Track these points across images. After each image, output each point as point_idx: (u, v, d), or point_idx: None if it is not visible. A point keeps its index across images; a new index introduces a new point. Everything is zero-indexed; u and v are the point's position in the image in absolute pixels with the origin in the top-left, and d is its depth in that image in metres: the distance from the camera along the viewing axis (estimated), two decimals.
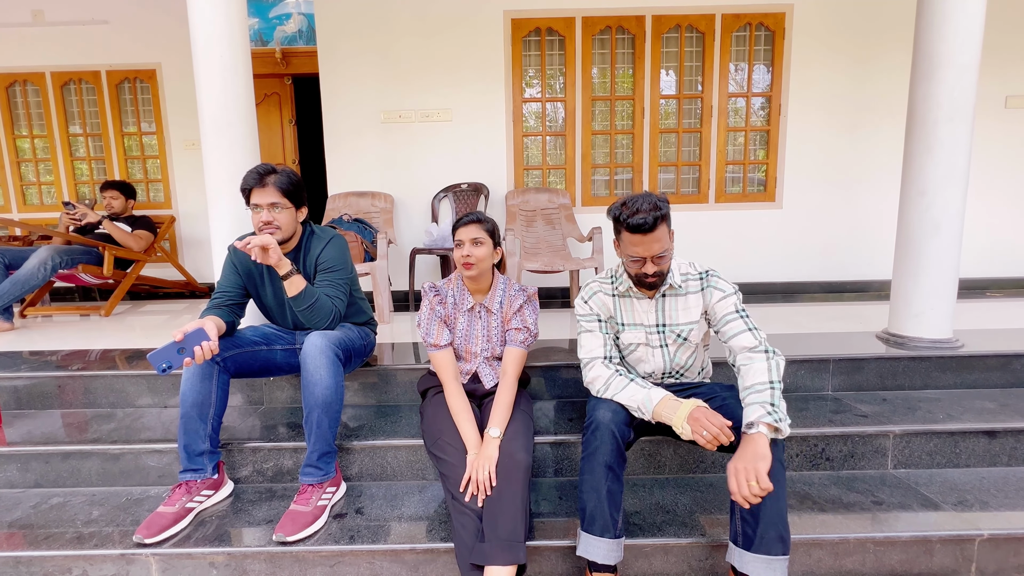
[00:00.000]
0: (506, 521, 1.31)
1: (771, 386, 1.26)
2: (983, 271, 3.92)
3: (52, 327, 3.08)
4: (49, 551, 1.44)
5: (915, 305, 2.19)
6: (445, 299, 1.69)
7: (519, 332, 1.64)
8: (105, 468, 1.77)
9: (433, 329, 1.65)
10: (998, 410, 1.90)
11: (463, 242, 1.58)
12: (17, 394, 2.10)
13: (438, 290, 1.70)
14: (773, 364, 1.30)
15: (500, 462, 1.41)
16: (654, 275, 1.39)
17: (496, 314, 1.68)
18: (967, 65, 2.05)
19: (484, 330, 1.69)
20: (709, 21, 3.69)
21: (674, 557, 1.46)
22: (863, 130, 3.82)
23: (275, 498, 1.67)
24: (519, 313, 1.66)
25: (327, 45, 3.67)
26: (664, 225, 1.35)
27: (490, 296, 1.68)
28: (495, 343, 1.70)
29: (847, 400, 2.02)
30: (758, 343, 1.34)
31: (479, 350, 1.70)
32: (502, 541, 1.28)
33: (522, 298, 1.67)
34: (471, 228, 1.58)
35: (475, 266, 1.58)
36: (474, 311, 1.69)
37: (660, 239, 1.34)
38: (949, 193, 2.11)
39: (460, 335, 1.69)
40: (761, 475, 1.15)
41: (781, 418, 1.22)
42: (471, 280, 1.65)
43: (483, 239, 1.59)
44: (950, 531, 1.45)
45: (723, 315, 1.40)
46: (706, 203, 3.88)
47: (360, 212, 3.68)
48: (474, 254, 1.57)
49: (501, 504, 1.33)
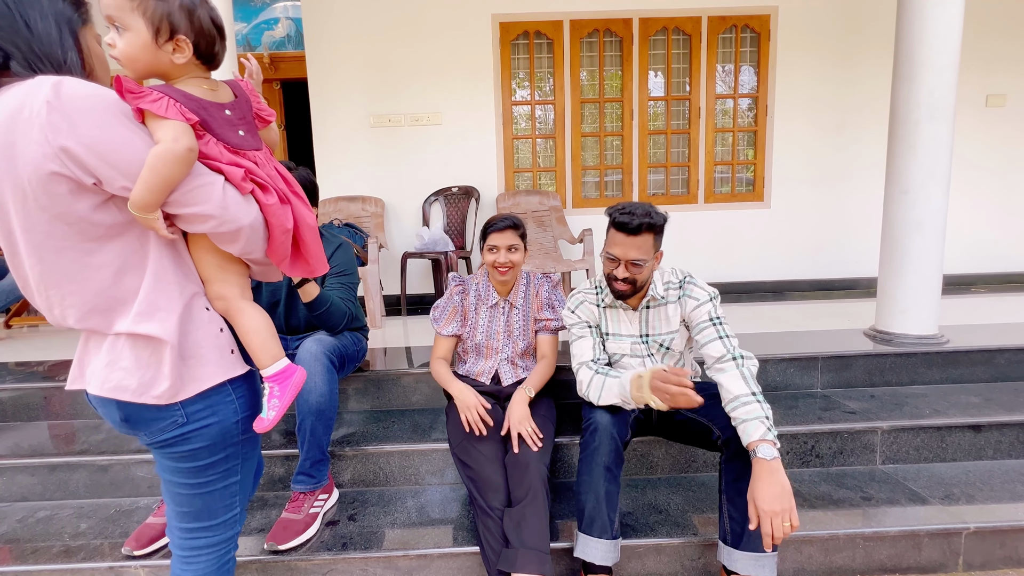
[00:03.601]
0: (532, 532, 1.30)
1: (756, 398, 1.24)
2: (967, 267, 3.98)
3: (38, 337, 3.04)
4: (36, 565, 1.42)
5: (901, 302, 2.23)
6: (468, 292, 1.71)
7: (551, 320, 1.68)
8: (93, 480, 1.75)
9: (445, 316, 1.71)
10: (983, 404, 1.93)
11: (498, 248, 1.59)
12: (2, 406, 2.06)
13: (463, 281, 1.72)
14: (745, 371, 1.28)
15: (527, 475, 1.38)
16: (623, 280, 1.38)
17: (519, 308, 1.70)
18: (946, 66, 2.08)
19: (506, 326, 1.70)
20: (695, 23, 3.73)
21: (667, 557, 1.46)
22: (848, 130, 3.87)
23: (267, 506, 1.66)
24: (548, 300, 1.69)
25: (315, 50, 3.67)
26: (650, 235, 1.36)
27: (514, 292, 1.70)
28: (517, 337, 1.70)
29: (836, 397, 2.04)
30: (726, 351, 1.32)
31: (500, 346, 1.70)
32: (530, 550, 1.27)
33: (547, 285, 1.71)
34: (507, 234, 1.59)
35: (512, 271, 1.62)
36: (497, 307, 1.70)
37: (640, 247, 1.35)
38: (931, 191, 2.14)
39: (481, 330, 1.69)
40: (795, 514, 1.14)
41: (776, 432, 1.22)
42: (502, 283, 1.68)
43: (519, 245, 1.61)
44: (938, 525, 1.48)
45: (697, 323, 1.40)
46: (695, 203, 3.92)
47: (351, 216, 3.67)
48: (511, 260, 1.60)
49: (525, 515, 1.32)
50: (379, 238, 3.46)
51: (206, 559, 0.94)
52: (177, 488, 0.89)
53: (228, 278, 0.85)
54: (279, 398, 0.88)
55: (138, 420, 0.81)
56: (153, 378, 0.78)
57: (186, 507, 0.90)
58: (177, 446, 0.83)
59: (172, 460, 0.86)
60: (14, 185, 0.67)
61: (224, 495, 0.91)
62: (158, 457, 0.88)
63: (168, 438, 0.82)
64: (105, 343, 0.79)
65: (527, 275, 1.73)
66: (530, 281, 1.71)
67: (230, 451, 0.89)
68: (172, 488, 0.89)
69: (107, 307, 0.76)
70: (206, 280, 0.85)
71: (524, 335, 1.70)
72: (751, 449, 1.20)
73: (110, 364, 0.78)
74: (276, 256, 0.86)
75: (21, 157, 0.65)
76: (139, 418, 0.81)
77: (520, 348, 1.70)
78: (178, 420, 0.81)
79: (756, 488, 1.16)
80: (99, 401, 0.82)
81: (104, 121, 0.67)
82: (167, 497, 0.92)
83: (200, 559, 0.94)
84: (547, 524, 1.33)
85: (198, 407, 0.82)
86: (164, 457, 0.87)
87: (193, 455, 0.85)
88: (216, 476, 0.89)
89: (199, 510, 0.90)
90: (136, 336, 0.77)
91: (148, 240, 0.77)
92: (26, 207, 0.68)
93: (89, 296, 0.75)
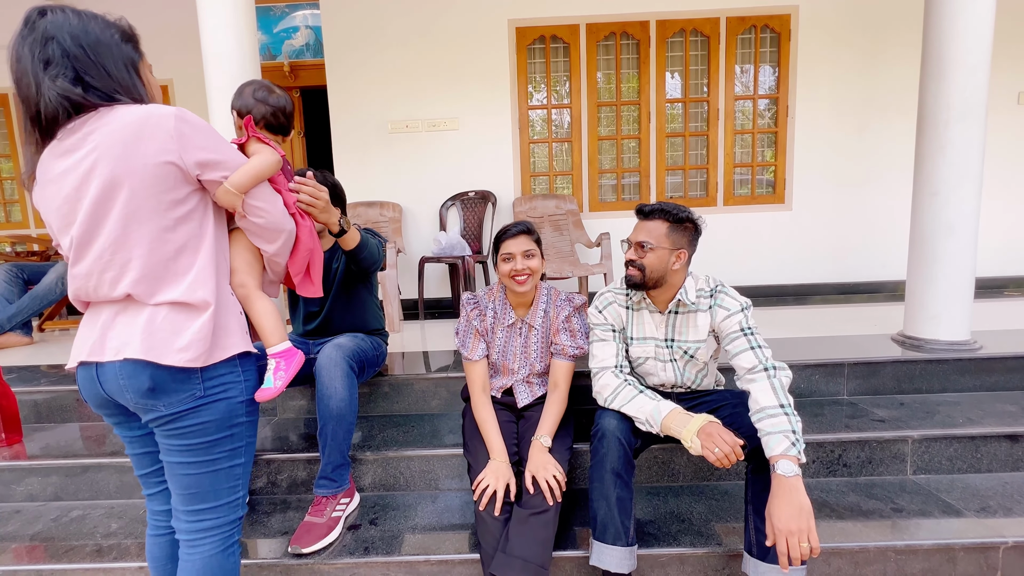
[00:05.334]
0: (531, 543, 1.29)
1: (784, 411, 1.21)
2: (1000, 270, 3.85)
3: (70, 340, 3.13)
4: (70, 564, 1.46)
5: (931, 307, 2.16)
6: (484, 312, 1.62)
7: (568, 347, 1.56)
8: (123, 481, 1.79)
9: (468, 341, 1.62)
10: (1020, 413, 1.86)
11: (513, 255, 1.49)
12: (37, 408, 2.13)
13: (477, 302, 1.64)
14: (776, 383, 1.25)
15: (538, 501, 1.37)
16: (631, 264, 1.41)
17: (538, 329, 1.60)
18: (977, 64, 2.02)
19: (523, 347, 1.62)
20: (714, 24, 3.69)
21: (690, 567, 1.44)
22: (872, 129, 3.79)
23: (290, 509, 1.68)
24: (567, 324, 1.58)
25: (334, 58, 3.73)
26: (662, 222, 1.38)
27: (532, 311, 1.59)
28: (534, 359, 1.61)
29: (863, 405, 1.99)
30: (758, 362, 1.29)
31: (516, 367, 1.63)
32: (523, 561, 1.26)
33: (568, 308, 1.59)
34: (521, 240, 1.50)
35: (530, 279, 1.50)
36: (514, 327, 1.61)
37: (650, 231, 1.39)
38: (962, 193, 2.08)
39: (498, 350, 1.62)
40: (813, 535, 1.11)
41: (803, 447, 1.19)
42: (516, 295, 1.56)
43: (534, 251, 1.51)
44: (973, 539, 1.42)
45: (728, 333, 1.37)
46: (715, 206, 3.87)
47: (369, 222, 3.71)
48: (529, 266, 1.49)
49: (529, 526, 1.31)
50: (397, 243, 3.49)
51: (211, 541, 1.03)
52: (185, 469, 1.00)
53: (251, 271, 1.12)
54: (284, 371, 1.12)
55: (163, 389, 0.94)
56: (191, 342, 0.93)
57: (193, 488, 1.01)
58: (189, 418, 0.96)
59: (182, 437, 0.98)
60: (133, 167, 0.89)
61: (229, 476, 1.03)
62: (169, 439, 0.99)
63: (184, 410, 0.96)
64: (143, 313, 0.93)
65: (548, 293, 1.62)
66: (550, 300, 1.61)
67: (235, 431, 1.02)
68: (180, 471, 1.00)
69: (159, 276, 0.93)
70: (235, 270, 1.08)
71: (542, 357, 1.62)
72: (772, 464, 1.18)
73: (150, 331, 0.92)
74: (295, 267, 1.17)
75: (145, 148, 0.89)
76: (165, 388, 0.93)
77: (538, 369, 1.63)
78: (196, 393, 0.96)
79: (773, 506, 1.14)
80: (129, 369, 0.92)
81: (213, 134, 0.98)
82: (175, 484, 1.02)
83: (206, 541, 1.03)
84: (550, 542, 1.32)
85: (213, 383, 0.98)
86: (175, 436, 0.98)
87: (203, 429, 0.98)
88: (222, 455, 1.01)
89: (206, 490, 1.01)
90: (179, 304, 0.94)
91: (207, 230, 0.99)
92: (136, 184, 0.89)
93: (152, 264, 0.92)
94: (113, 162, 0.88)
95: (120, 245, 0.92)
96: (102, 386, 0.96)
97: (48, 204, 0.94)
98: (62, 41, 0.88)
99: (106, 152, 0.88)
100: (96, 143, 0.89)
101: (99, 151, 0.88)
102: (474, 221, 3.81)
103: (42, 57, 0.88)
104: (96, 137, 0.89)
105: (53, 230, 0.97)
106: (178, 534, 1.05)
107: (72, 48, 0.89)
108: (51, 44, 0.88)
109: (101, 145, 0.88)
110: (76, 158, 0.90)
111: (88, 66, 0.90)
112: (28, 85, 0.88)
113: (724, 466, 1.21)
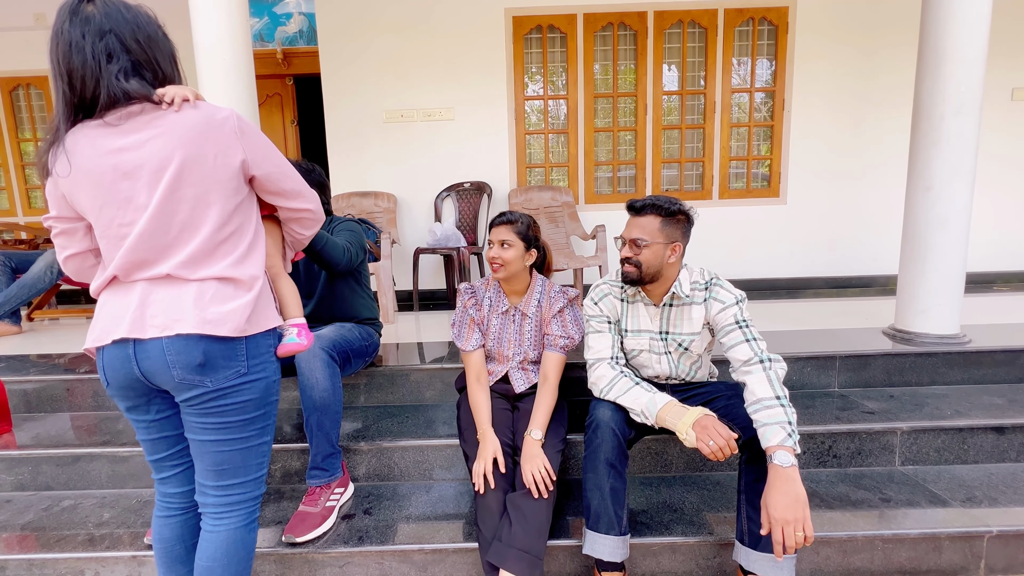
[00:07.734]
0: (527, 533, 1.30)
1: (780, 402, 1.22)
2: (990, 265, 3.90)
3: (59, 330, 3.10)
4: (62, 553, 1.45)
5: (922, 301, 2.18)
6: (480, 301, 1.66)
7: (559, 337, 1.59)
8: (115, 470, 1.78)
9: (464, 331, 1.65)
10: (1006, 406, 1.89)
11: (493, 243, 1.57)
12: (26, 397, 2.11)
13: (474, 291, 1.67)
14: (772, 375, 1.26)
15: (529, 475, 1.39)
16: (626, 261, 1.41)
17: (531, 318, 1.63)
18: (974, 59, 2.03)
19: (516, 334, 1.65)
20: (711, 16, 3.67)
21: (682, 555, 1.46)
22: (868, 124, 3.80)
23: (284, 499, 1.68)
24: (559, 316, 1.61)
25: (328, 45, 3.67)
26: (655, 218, 1.38)
27: (526, 299, 1.64)
28: (527, 347, 1.65)
29: (854, 397, 2.01)
30: (754, 355, 1.30)
31: (511, 353, 1.66)
32: (519, 551, 1.27)
33: (562, 301, 1.62)
34: (500, 229, 1.56)
35: (503, 268, 1.56)
36: (508, 314, 1.65)
37: (644, 227, 1.38)
38: (956, 188, 2.09)
39: (492, 337, 1.66)
40: (808, 524, 1.12)
41: (798, 438, 1.21)
42: (503, 282, 1.62)
43: (512, 241, 1.54)
44: (959, 528, 1.45)
45: (723, 326, 1.38)
46: (710, 199, 3.87)
47: (363, 212, 3.69)
48: (502, 256, 1.54)
49: (524, 515, 1.32)
50: (391, 233, 3.46)
51: (238, 514, 1.08)
52: (219, 447, 1.03)
53: (277, 254, 1.26)
54: (304, 336, 1.23)
55: (213, 365, 0.97)
56: (241, 314, 0.99)
57: (225, 464, 1.05)
58: (231, 396, 1.01)
59: (222, 415, 1.01)
60: (203, 156, 0.96)
61: (258, 452, 1.08)
62: (206, 417, 1.01)
63: (228, 386, 1.00)
64: (188, 288, 0.97)
65: (543, 285, 1.66)
66: (544, 291, 1.65)
67: (267, 409, 1.08)
68: (213, 448, 1.03)
69: (209, 253, 0.98)
70: (267, 253, 1.16)
71: (535, 345, 1.65)
72: (768, 454, 1.19)
73: (201, 305, 0.96)
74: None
75: (212, 141, 0.96)
76: (214, 363, 0.97)
77: (532, 357, 1.66)
78: (240, 369, 1.00)
79: (769, 495, 1.16)
80: (181, 345, 0.94)
81: (262, 136, 1.06)
82: (205, 461, 1.05)
83: (232, 515, 1.08)
84: (545, 530, 1.33)
85: (256, 360, 1.03)
86: (214, 413, 1.01)
87: (243, 407, 1.03)
88: (255, 432, 1.06)
89: (238, 466, 1.06)
90: (226, 280, 0.99)
91: (252, 218, 1.07)
92: (205, 170, 0.96)
93: (206, 241, 0.97)
94: (186, 147, 0.94)
95: (187, 224, 0.96)
96: (138, 364, 0.96)
97: (84, 181, 0.94)
98: (120, 35, 0.93)
99: (180, 136, 0.93)
100: (164, 128, 0.93)
101: (169, 134, 0.93)
102: (469, 212, 3.79)
103: (104, 50, 0.92)
104: (163, 122, 0.94)
105: (83, 210, 0.97)
106: (202, 508, 1.09)
107: (131, 43, 0.94)
108: (109, 37, 0.92)
109: (172, 129, 0.93)
110: (139, 138, 0.93)
111: (145, 60, 0.96)
112: (87, 77, 0.91)
113: (718, 459, 1.22)
